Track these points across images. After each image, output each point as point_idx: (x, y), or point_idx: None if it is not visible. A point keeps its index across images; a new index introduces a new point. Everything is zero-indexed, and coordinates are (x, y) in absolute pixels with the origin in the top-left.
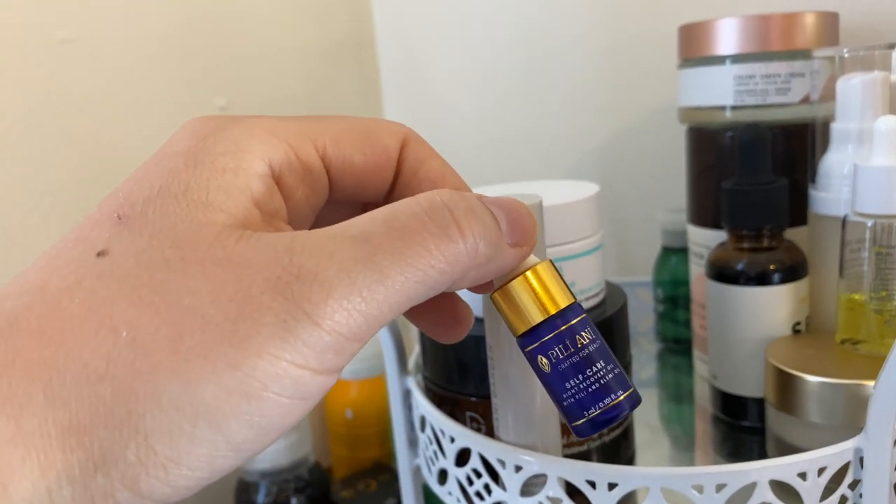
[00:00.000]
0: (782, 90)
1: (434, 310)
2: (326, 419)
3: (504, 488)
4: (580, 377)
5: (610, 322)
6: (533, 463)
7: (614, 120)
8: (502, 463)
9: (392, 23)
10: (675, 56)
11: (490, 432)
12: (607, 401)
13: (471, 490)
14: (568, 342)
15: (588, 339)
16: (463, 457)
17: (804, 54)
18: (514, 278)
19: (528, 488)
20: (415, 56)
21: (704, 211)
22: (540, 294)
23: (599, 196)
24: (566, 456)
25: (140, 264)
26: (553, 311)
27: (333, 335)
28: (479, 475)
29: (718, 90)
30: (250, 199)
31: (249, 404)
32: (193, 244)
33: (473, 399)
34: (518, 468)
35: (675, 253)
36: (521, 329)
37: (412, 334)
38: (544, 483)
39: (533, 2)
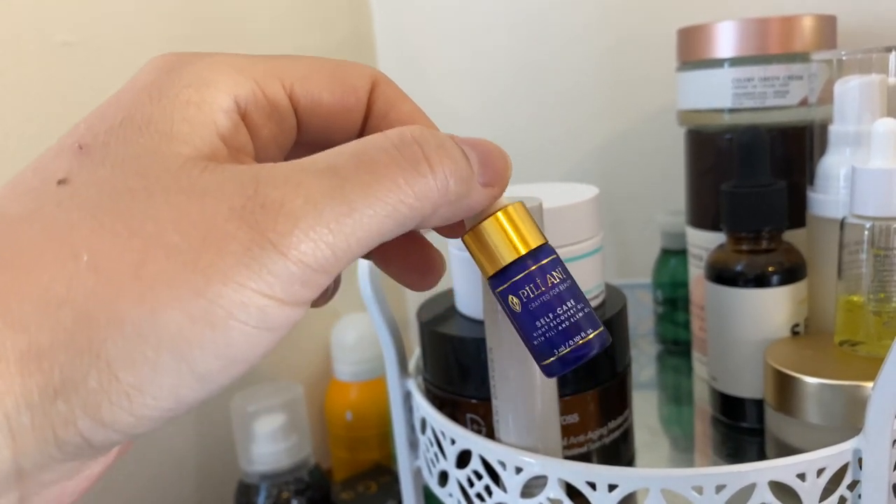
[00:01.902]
0: (781, 93)
1: (404, 254)
2: (326, 421)
3: (505, 490)
4: (550, 316)
5: (610, 324)
6: (533, 464)
7: (614, 122)
8: (503, 464)
9: (392, 25)
10: (674, 59)
11: (490, 434)
12: (577, 339)
13: (471, 492)
14: (538, 281)
15: (559, 278)
16: (463, 458)
17: (802, 57)
18: (485, 219)
19: (529, 490)
20: (414, 58)
21: (703, 213)
22: (511, 234)
23: (599, 198)
24: (566, 457)
25: (102, 192)
26: (524, 250)
27: (299, 265)
28: (479, 477)
29: (717, 93)
30: (215, 133)
31: (214, 332)
32: (157, 174)
33: (474, 401)
34: (518, 470)
35: (674, 255)
36: (492, 270)
37: (412, 336)
38: (545, 484)
39: (532, 4)
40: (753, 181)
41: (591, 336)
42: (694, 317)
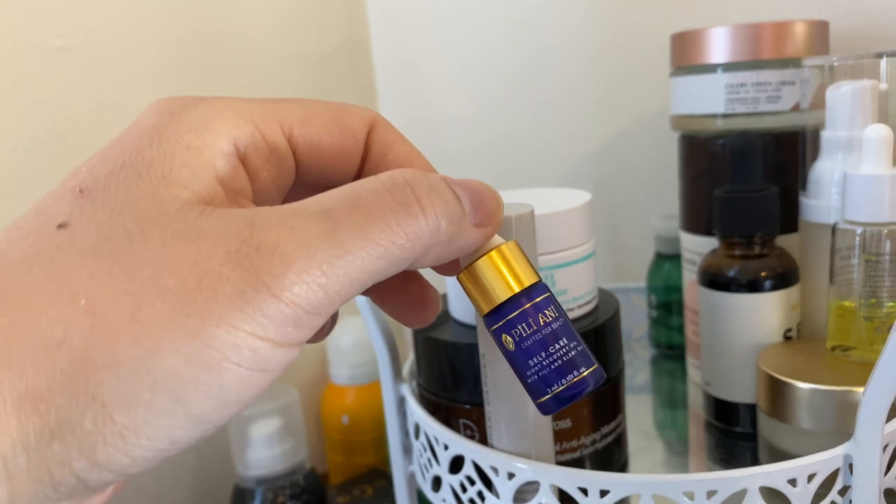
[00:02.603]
0: (773, 98)
1: (400, 292)
2: (322, 425)
3: (497, 495)
4: (544, 354)
5: (602, 329)
6: (526, 470)
7: (608, 127)
8: (495, 470)
9: (387, 29)
10: (667, 64)
11: (483, 440)
12: (571, 377)
13: (464, 497)
14: (531, 320)
15: (552, 316)
16: (457, 464)
17: (795, 63)
18: (479, 258)
19: (521, 495)
20: (410, 62)
21: (697, 218)
22: (505, 273)
23: (592, 203)
24: (560, 463)
25: (101, 236)
26: (518, 289)
27: (293, 307)
28: (472, 482)
29: (710, 98)
30: (214, 177)
31: (209, 374)
32: (155, 218)
33: (467, 406)
34: (511, 475)
35: (668, 259)
36: (487, 308)
37: (407, 341)
38: (537, 490)
39: (527, 9)
40: (746, 186)
41: (585, 374)
42: (688, 321)
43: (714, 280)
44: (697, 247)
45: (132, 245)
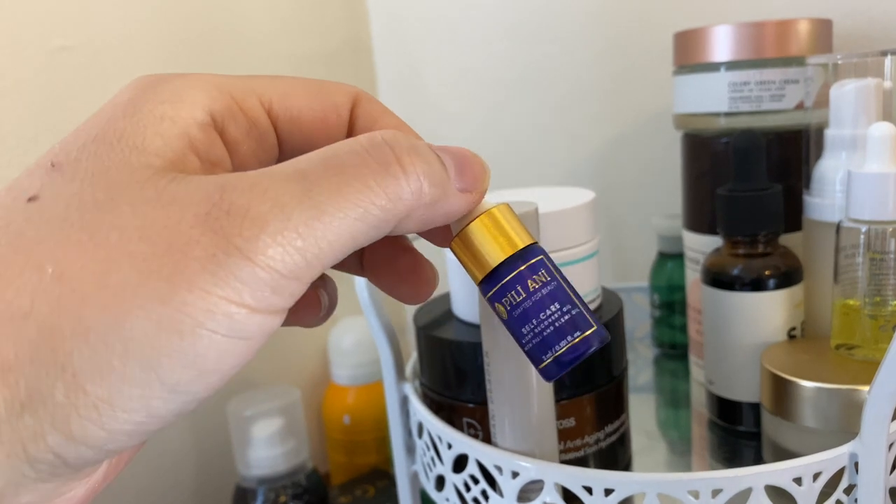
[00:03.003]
0: (777, 97)
1: (394, 267)
2: (324, 425)
3: (501, 494)
4: (535, 321)
5: (606, 328)
6: (530, 469)
7: (611, 126)
8: (499, 469)
9: (389, 31)
10: (670, 63)
11: (487, 438)
12: (570, 338)
13: (468, 496)
14: (520, 287)
15: (542, 280)
16: (460, 463)
17: (798, 61)
18: (468, 224)
19: (525, 494)
20: (411, 64)
21: (700, 217)
22: (496, 236)
23: (595, 202)
24: (563, 462)
25: (70, 206)
26: (511, 251)
27: (268, 271)
28: (476, 481)
29: (713, 97)
30: (188, 146)
31: (182, 341)
32: (125, 185)
33: (470, 405)
34: (515, 474)
35: (671, 258)
36: (480, 275)
37: (409, 340)
38: (541, 489)
39: (528, 10)
40: (750, 185)
41: (587, 334)
42: (691, 320)
43: (718, 279)
44: (701, 246)
45: (101, 213)
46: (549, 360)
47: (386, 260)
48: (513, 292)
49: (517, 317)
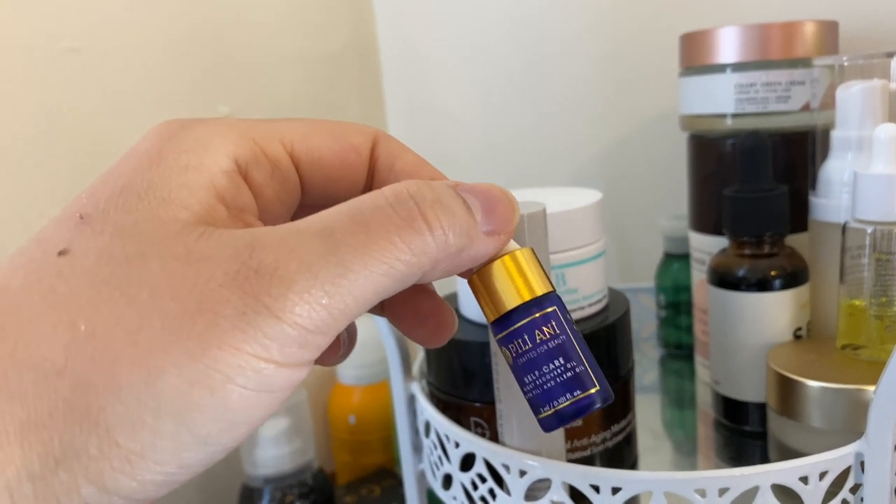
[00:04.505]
0: (783, 98)
1: (414, 309)
2: (330, 425)
3: (508, 493)
4: (537, 373)
5: (613, 328)
6: (537, 467)
7: (616, 127)
8: (507, 468)
9: (394, 30)
10: (676, 64)
11: (494, 437)
12: (577, 392)
13: (475, 495)
14: (527, 336)
15: (558, 330)
16: (467, 462)
17: (804, 63)
18: (490, 262)
19: (533, 493)
20: (417, 63)
21: (706, 217)
22: (515, 279)
23: (602, 203)
24: (570, 461)
25: (100, 261)
26: (527, 298)
27: (296, 328)
28: (483, 480)
29: (719, 98)
30: (214, 196)
31: (213, 396)
32: (154, 240)
33: (478, 404)
34: (522, 473)
35: (676, 259)
36: (492, 316)
37: None
38: (548, 487)
39: (535, 10)
40: (756, 186)
41: (590, 392)
42: (696, 321)
43: (724, 279)
44: (707, 246)
45: (132, 269)
46: (548, 413)
47: (407, 303)
48: (520, 340)
49: (521, 365)
